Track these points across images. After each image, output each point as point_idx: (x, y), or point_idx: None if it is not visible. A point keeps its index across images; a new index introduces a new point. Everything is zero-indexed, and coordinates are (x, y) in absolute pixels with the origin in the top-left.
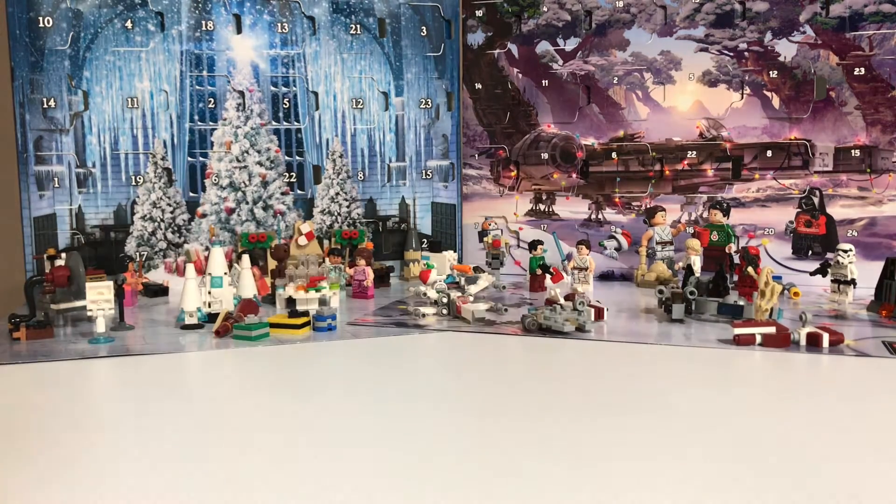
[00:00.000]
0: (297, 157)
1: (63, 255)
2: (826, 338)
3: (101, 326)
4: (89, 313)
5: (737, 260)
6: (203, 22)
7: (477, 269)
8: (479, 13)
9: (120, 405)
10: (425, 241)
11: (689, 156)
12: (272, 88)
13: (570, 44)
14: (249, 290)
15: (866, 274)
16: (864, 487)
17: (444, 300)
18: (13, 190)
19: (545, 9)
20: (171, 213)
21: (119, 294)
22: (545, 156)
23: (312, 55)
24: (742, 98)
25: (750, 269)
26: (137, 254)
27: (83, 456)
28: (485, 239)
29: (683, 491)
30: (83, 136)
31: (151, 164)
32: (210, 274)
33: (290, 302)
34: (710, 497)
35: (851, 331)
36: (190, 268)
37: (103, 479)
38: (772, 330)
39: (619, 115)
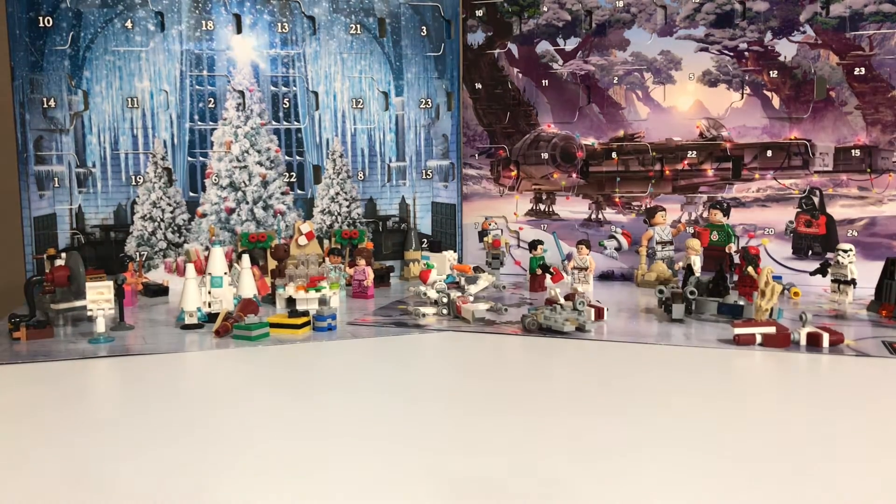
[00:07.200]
0: (297, 157)
1: (63, 255)
2: (826, 338)
3: (101, 326)
4: (89, 313)
5: (737, 260)
6: (203, 22)
7: (477, 269)
8: (479, 13)
9: (120, 405)
10: (425, 240)
11: (689, 156)
12: (272, 88)
13: (570, 44)
14: (249, 290)
15: (866, 274)
16: (865, 487)
17: (444, 300)
18: (13, 190)
19: (545, 9)
20: (171, 213)
21: (119, 294)
22: (545, 156)
23: (312, 55)
24: (742, 98)
25: (750, 269)
26: (137, 254)
27: (83, 456)
28: (485, 239)
29: (684, 490)
30: (83, 135)
31: (151, 163)
32: (210, 274)
33: (290, 302)
34: (710, 496)
35: (851, 331)
36: (190, 268)
37: (103, 479)
38: (772, 330)
39: (619, 115)
